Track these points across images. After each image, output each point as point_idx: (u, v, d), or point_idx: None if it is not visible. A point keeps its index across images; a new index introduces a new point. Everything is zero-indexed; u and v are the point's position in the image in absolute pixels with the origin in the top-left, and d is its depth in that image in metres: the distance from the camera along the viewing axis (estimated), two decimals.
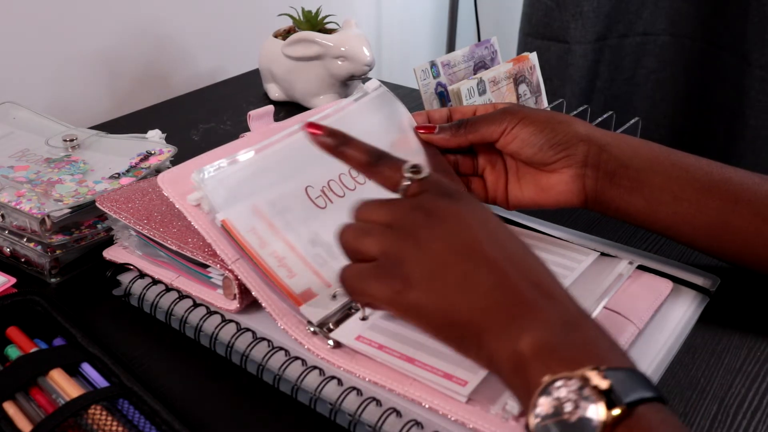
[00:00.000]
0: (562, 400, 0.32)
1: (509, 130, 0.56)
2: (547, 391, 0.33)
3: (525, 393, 0.35)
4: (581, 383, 0.32)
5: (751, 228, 0.51)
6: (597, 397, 0.31)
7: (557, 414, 0.32)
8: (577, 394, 0.32)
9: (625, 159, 0.54)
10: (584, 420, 0.31)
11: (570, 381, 0.32)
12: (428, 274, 0.38)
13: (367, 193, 0.57)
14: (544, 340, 0.35)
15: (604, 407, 0.31)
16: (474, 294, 0.38)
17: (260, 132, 0.60)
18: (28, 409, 0.44)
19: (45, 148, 0.69)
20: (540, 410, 0.33)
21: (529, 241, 0.58)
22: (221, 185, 0.51)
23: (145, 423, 0.43)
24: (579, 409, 0.31)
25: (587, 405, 0.31)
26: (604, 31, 1.24)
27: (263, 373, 0.48)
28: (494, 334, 0.37)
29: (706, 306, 0.54)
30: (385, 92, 0.63)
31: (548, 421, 0.32)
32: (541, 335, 0.35)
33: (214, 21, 1.14)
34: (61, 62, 0.94)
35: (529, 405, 0.33)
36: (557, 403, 0.32)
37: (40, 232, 0.58)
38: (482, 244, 0.39)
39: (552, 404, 0.32)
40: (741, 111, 1.15)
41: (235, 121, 0.92)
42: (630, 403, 0.31)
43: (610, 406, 0.31)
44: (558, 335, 0.36)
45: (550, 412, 0.32)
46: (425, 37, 1.73)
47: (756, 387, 0.48)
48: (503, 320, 0.37)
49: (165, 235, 0.53)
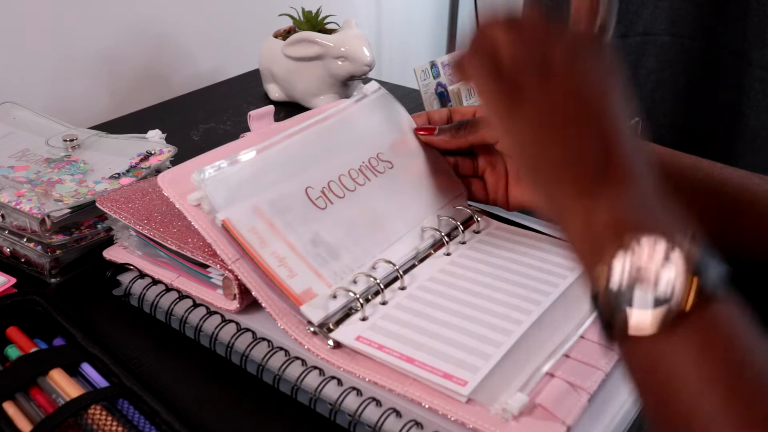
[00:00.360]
0: (647, 256, 0.31)
1: None
2: (629, 246, 0.31)
3: (597, 252, 0.33)
4: (671, 245, 0.30)
5: (753, 228, 0.51)
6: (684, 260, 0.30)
7: (637, 279, 0.30)
8: (665, 253, 0.30)
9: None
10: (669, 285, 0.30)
11: (659, 240, 0.31)
12: (539, 107, 0.38)
13: (367, 193, 0.57)
14: (633, 202, 0.34)
15: (686, 272, 0.30)
16: (571, 140, 0.37)
17: (260, 132, 0.60)
18: (28, 409, 0.44)
19: (45, 148, 0.69)
20: (618, 266, 0.31)
21: (529, 241, 0.59)
22: (222, 185, 0.51)
23: (145, 423, 0.43)
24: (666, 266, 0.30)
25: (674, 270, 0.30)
26: None
27: (263, 373, 0.48)
28: (575, 194, 0.36)
29: None
30: (385, 94, 0.63)
31: (624, 282, 0.31)
32: (620, 207, 0.34)
33: (214, 21, 1.14)
34: (61, 62, 0.94)
35: (596, 270, 0.32)
36: (641, 263, 0.31)
37: (40, 232, 0.58)
38: (596, 96, 0.38)
39: (635, 265, 0.31)
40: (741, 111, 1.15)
41: (235, 121, 0.92)
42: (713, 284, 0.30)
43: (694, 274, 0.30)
44: (651, 202, 0.34)
45: (630, 275, 0.31)
46: (425, 37, 1.73)
47: None
48: (595, 170, 0.35)
49: (165, 235, 0.53)
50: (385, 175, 0.59)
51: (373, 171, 0.59)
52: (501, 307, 0.51)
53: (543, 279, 0.54)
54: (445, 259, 0.57)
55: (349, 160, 0.58)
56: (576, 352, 0.47)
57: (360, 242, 0.55)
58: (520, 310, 0.50)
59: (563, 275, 0.54)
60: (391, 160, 0.60)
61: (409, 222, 0.58)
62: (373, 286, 0.52)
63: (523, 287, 0.53)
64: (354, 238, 0.55)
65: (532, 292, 0.52)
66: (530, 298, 0.52)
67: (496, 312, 0.50)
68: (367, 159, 0.59)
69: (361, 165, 0.58)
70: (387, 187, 0.58)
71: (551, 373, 0.45)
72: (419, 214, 0.59)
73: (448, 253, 0.57)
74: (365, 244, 0.55)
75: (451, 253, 0.57)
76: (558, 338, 0.48)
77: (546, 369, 0.45)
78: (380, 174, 0.59)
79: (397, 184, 0.59)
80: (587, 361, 0.46)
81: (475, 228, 0.61)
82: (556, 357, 0.46)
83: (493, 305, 0.51)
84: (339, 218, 0.55)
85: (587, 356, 0.46)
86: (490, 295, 0.52)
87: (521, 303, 0.51)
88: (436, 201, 0.60)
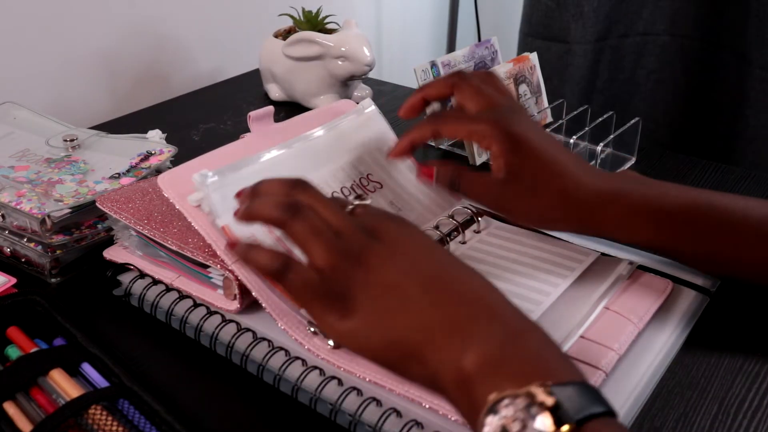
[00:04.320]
0: (510, 419, 0.31)
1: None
2: (494, 409, 0.32)
3: (472, 412, 0.34)
4: (528, 401, 0.31)
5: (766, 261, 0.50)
6: (544, 414, 0.31)
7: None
8: (525, 412, 0.31)
9: (622, 218, 0.51)
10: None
11: (517, 399, 0.32)
12: (370, 299, 0.39)
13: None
14: (487, 355, 0.35)
15: (552, 425, 0.30)
16: (413, 312, 0.38)
17: (260, 132, 0.60)
18: (28, 409, 0.44)
19: (45, 148, 0.69)
20: (488, 430, 0.32)
21: (529, 241, 0.59)
22: (222, 191, 0.51)
23: (145, 423, 0.43)
24: (527, 429, 0.31)
25: (534, 424, 0.31)
26: (604, 31, 1.24)
27: (263, 374, 0.48)
28: (436, 349, 0.36)
29: (707, 306, 0.54)
30: (376, 113, 0.65)
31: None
32: (485, 350, 0.35)
33: (215, 21, 1.14)
34: (61, 62, 0.94)
35: (477, 425, 0.33)
36: (505, 421, 0.31)
37: (41, 232, 0.58)
38: (421, 264, 0.39)
39: (500, 423, 0.31)
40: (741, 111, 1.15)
41: (235, 121, 0.92)
42: (579, 419, 0.31)
43: (558, 423, 0.30)
44: (502, 350, 0.35)
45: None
46: (425, 37, 1.73)
47: (756, 387, 0.48)
48: (444, 336, 0.36)
49: (165, 236, 0.53)
50: (375, 195, 0.60)
51: (363, 190, 0.60)
52: None
53: (543, 279, 0.54)
54: None
55: (342, 179, 0.59)
56: (577, 352, 0.47)
57: None
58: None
59: (563, 275, 0.54)
60: (381, 181, 0.61)
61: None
62: None
63: (524, 287, 0.53)
64: None
65: (532, 291, 0.52)
66: (530, 298, 0.52)
67: None
68: (358, 179, 0.60)
69: (353, 184, 0.60)
70: (380, 203, 0.60)
71: None
72: (418, 220, 0.60)
73: None
74: None
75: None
76: (558, 338, 0.48)
77: None
78: (371, 193, 0.60)
79: (390, 199, 0.61)
80: (588, 361, 0.46)
81: (475, 228, 0.61)
82: None
83: None
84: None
85: (588, 356, 0.46)
86: None
87: (521, 303, 0.51)
88: (433, 212, 0.61)
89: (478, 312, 0.37)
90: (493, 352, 0.35)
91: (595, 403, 0.32)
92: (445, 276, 0.39)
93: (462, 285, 0.39)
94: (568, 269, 0.55)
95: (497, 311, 0.38)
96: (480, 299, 0.38)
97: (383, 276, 0.39)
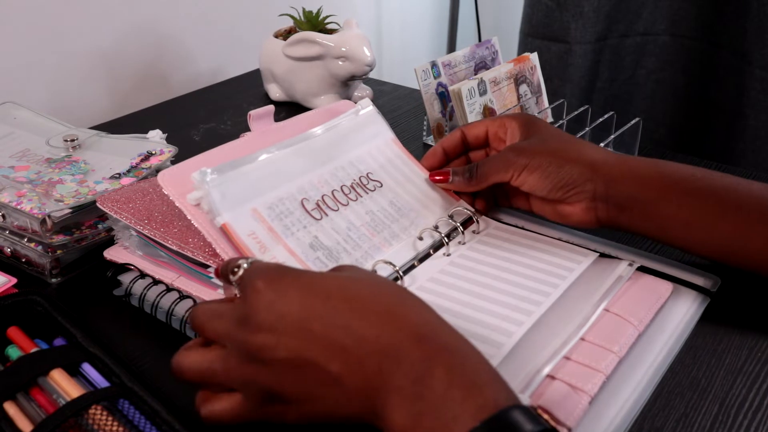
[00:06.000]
0: None
1: (516, 177, 0.57)
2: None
3: None
4: None
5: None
6: None
7: None
8: None
9: (634, 192, 0.54)
10: None
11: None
12: (290, 386, 0.39)
13: (359, 208, 0.58)
14: (404, 426, 0.35)
15: None
16: (330, 384, 0.38)
17: (260, 132, 0.60)
18: (28, 409, 0.44)
19: (45, 149, 0.69)
20: None
21: (528, 242, 0.59)
22: (221, 188, 0.51)
23: (146, 423, 0.43)
24: None
25: None
26: (604, 31, 1.24)
27: None
28: (366, 416, 0.38)
29: (707, 306, 0.54)
30: (374, 112, 0.65)
31: None
32: (398, 418, 0.36)
33: (215, 21, 1.14)
34: (61, 62, 0.94)
35: None
36: None
37: (41, 232, 0.58)
38: (311, 322, 0.38)
39: None
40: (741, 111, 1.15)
41: (236, 121, 0.92)
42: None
43: None
44: (413, 417, 0.35)
45: None
46: (426, 37, 1.73)
47: (757, 387, 0.48)
48: (364, 402, 0.37)
49: (166, 236, 0.53)
50: (375, 193, 0.60)
51: (363, 189, 0.60)
52: (501, 308, 0.51)
53: (543, 280, 0.54)
54: (444, 260, 0.57)
55: (342, 177, 0.59)
56: (577, 354, 0.47)
57: (359, 245, 0.55)
58: (521, 311, 0.50)
59: (563, 276, 0.54)
60: (381, 180, 0.61)
61: (408, 225, 0.59)
62: None
63: (523, 288, 0.53)
64: (353, 242, 0.55)
65: (532, 293, 0.52)
66: (530, 299, 0.52)
67: (496, 313, 0.50)
68: (358, 177, 0.60)
69: (353, 182, 0.60)
70: (380, 202, 0.60)
71: (552, 376, 0.45)
72: (418, 220, 0.60)
73: (447, 253, 0.57)
74: (364, 248, 0.55)
75: (451, 254, 0.57)
76: (558, 340, 0.48)
77: (547, 371, 0.45)
78: (371, 192, 0.60)
79: (390, 198, 0.61)
80: (588, 363, 0.46)
81: (475, 228, 0.61)
82: (556, 359, 0.46)
83: (493, 306, 0.51)
84: (337, 225, 0.56)
85: (588, 358, 0.46)
86: (490, 296, 0.52)
87: (521, 304, 0.51)
88: (433, 212, 0.61)
89: (381, 364, 0.37)
90: (405, 422, 0.35)
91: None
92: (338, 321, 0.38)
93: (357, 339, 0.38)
94: (567, 270, 0.55)
95: (400, 358, 0.37)
96: (375, 341, 0.38)
97: (282, 363, 0.39)
